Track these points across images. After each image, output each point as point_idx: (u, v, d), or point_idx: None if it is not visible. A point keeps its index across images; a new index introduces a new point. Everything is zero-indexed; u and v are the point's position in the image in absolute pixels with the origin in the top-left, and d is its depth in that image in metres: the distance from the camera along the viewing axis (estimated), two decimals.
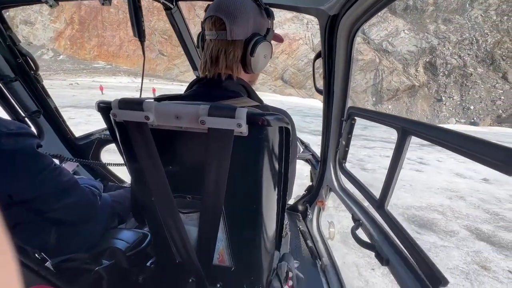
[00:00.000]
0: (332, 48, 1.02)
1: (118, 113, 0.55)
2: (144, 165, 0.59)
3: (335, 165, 1.39)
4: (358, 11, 0.81)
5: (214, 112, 0.50)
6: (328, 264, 1.47)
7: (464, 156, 0.52)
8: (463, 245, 3.81)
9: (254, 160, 0.59)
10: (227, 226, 0.67)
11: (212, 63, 0.68)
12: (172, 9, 1.31)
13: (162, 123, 0.55)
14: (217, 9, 0.64)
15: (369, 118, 0.99)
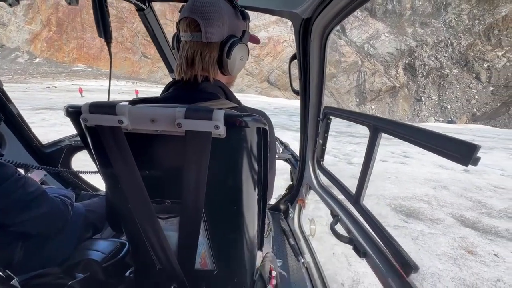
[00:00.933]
0: (306, 50, 1.05)
1: (89, 117, 0.52)
2: (119, 171, 0.57)
3: (313, 163, 1.42)
4: (330, 14, 0.84)
5: (191, 114, 0.50)
6: (310, 261, 1.50)
7: (428, 150, 0.56)
8: (449, 231, 3.83)
9: (233, 162, 0.58)
10: (208, 229, 0.66)
11: (188, 65, 0.67)
12: (145, 9, 1.28)
13: (137, 127, 0.53)
14: (192, 10, 0.63)
15: (343, 117, 1.03)
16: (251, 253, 0.75)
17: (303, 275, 1.41)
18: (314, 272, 1.46)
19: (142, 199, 0.59)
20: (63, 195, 0.98)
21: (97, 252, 0.99)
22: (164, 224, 0.65)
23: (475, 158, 0.46)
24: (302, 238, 1.73)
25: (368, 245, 0.84)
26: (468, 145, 0.47)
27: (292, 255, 1.54)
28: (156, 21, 1.40)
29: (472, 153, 0.46)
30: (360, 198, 0.88)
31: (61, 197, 0.95)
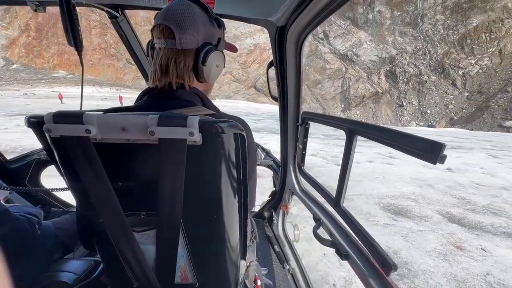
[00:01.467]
0: (282, 56, 1.06)
1: (53, 127, 0.49)
2: (89, 184, 0.54)
3: (294, 168, 1.42)
4: (303, 22, 0.85)
5: (164, 121, 0.48)
6: (296, 267, 1.49)
7: (399, 150, 0.58)
8: (437, 228, 3.85)
9: (210, 169, 0.57)
10: (188, 241, 0.63)
11: (162, 72, 0.66)
12: (118, 17, 1.25)
13: (107, 136, 0.51)
14: (166, 17, 0.63)
15: (320, 122, 1.04)
16: (234, 263, 0.72)
17: (289, 282, 1.40)
18: (300, 279, 1.44)
19: (115, 212, 0.56)
20: (29, 213, 0.91)
21: (68, 274, 0.92)
22: (140, 237, 0.62)
23: (442, 156, 0.48)
24: (287, 244, 1.71)
25: (350, 247, 0.85)
26: (434, 144, 0.49)
27: (277, 262, 1.52)
28: (130, 29, 1.36)
29: (439, 151, 0.48)
30: (340, 200, 0.89)
31: (26, 216, 0.88)
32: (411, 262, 3.01)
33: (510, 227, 3.98)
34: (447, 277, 2.81)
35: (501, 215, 4.38)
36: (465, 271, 2.92)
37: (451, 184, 5.81)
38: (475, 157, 9.03)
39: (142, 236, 0.63)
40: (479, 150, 10.91)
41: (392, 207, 4.45)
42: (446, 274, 2.85)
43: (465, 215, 4.30)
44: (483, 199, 5.08)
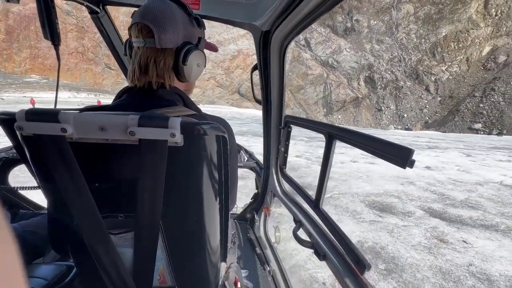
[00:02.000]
0: (266, 61, 1.08)
1: (26, 125, 0.47)
2: (63, 184, 0.52)
3: (277, 171, 1.44)
4: (288, 27, 0.86)
5: (145, 122, 0.47)
6: (276, 268, 1.50)
7: (373, 154, 0.61)
8: (420, 223, 3.92)
9: (192, 171, 0.57)
10: (167, 243, 0.62)
11: (141, 72, 0.65)
12: (99, 13, 1.22)
13: (84, 136, 0.50)
14: (144, 16, 0.62)
15: (302, 125, 1.06)
16: (214, 265, 0.71)
17: (269, 284, 1.41)
18: (280, 280, 1.45)
19: (91, 214, 0.54)
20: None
21: (38, 280, 0.87)
22: (117, 240, 0.61)
23: (411, 160, 0.50)
24: (268, 246, 1.72)
25: (328, 248, 0.86)
26: (404, 149, 0.51)
27: (258, 264, 1.53)
28: (111, 25, 1.32)
29: (408, 156, 0.50)
30: (320, 202, 0.90)
31: None
32: (398, 257, 3.02)
33: (486, 219, 4.14)
34: (433, 270, 2.84)
35: (478, 208, 4.57)
36: (449, 263, 2.97)
37: (430, 181, 6.02)
38: (450, 156, 9.47)
39: (119, 239, 0.61)
40: (453, 149, 11.49)
41: (377, 204, 4.50)
42: (432, 267, 2.88)
43: (445, 210, 4.43)
44: (461, 194, 5.28)
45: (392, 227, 3.72)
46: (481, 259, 3.06)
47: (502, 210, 4.52)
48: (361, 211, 4.19)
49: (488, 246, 3.35)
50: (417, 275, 2.72)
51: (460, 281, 2.67)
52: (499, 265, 2.96)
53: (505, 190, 5.61)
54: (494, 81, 51.89)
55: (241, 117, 23.27)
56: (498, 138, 23.51)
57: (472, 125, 48.01)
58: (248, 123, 18.05)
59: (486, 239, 3.53)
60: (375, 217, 4.01)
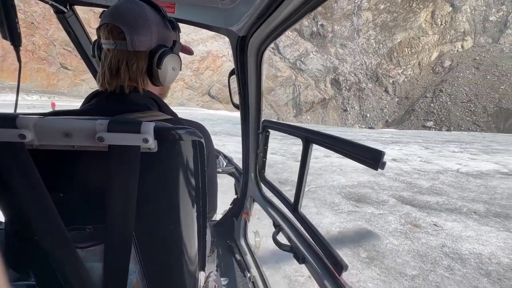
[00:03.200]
0: (244, 65, 1.07)
1: None
2: (22, 196, 0.47)
3: (256, 175, 1.42)
4: (264, 33, 0.86)
5: (115, 127, 0.44)
6: (257, 274, 1.49)
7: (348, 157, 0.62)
8: (394, 210, 4.04)
9: (167, 178, 0.54)
10: (140, 254, 0.58)
11: (112, 75, 0.61)
12: (66, 13, 1.16)
13: (47, 143, 0.46)
14: (114, 17, 0.59)
15: (279, 130, 1.06)
16: (192, 275, 0.68)
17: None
18: (261, 286, 1.43)
19: (55, 228, 0.48)
20: None
21: None
22: (85, 254, 0.56)
23: (382, 162, 0.51)
24: (248, 252, 1.69)
25: (307, 251, 0.86)
26: (375, 152, 0.52)
27: (238, 271, 1.51)
28: (79, 25, 1.25)
29: (379, 158, 0.51)
30: (298, 206, 0.89)
31: None
32: (378, 244, 3.04)
33: (451, 204, 4.42)
34: (411, 254, 2.89)
35: (442, 194, 4.88)
36: (424, 246, 3.07)
37: (398, 172, 6.34)
38: (412, 149, 10.20)
39: (86, 253, 0.56)
40: (414, 143, 12.42)
41: (352, 195, 4.57)
42: (410, 251, 2.94)
43: (414, 197, 4.66)
44: (425, 182, 5.62)
45: (369, 216, 3.77)
46: (452, 240, 3.22)
47: (462, 195, 4.88)
48: (338, 202, 4.21)
49: (456, 227, 3.54)
50: (397, 260, 2.75)
51: (437, 262, 2.75)
52: (467, 244, 3.13)
53: (462, 177, 6.11)
54: (442, 83, 57.90)
55: (213, 118, 22.83)
56: (449, 133, 26.09)
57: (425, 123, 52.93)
58: (220, 124, 17.73)
59: (453, 221, 3.74)
60: (352, 207, 4.05)
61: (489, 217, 3.91)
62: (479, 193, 4.97)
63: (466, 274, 2.58)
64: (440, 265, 2.72)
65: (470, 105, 51.77)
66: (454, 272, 2.62)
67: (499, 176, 6.27)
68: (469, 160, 8.20)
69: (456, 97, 54.13)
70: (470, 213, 4.06)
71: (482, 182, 5.70)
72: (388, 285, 2.39)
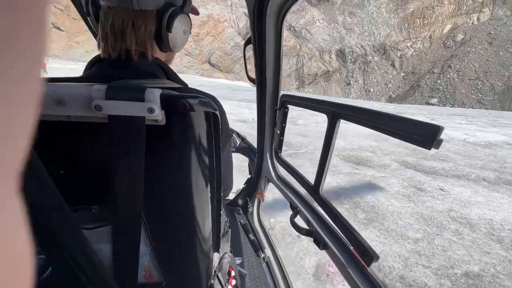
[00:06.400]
0: (261, 33, 0.98)
1: None
2: None
3: (271, 155, 1.37)
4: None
5: (114, 93, 0.39)
6: (271, 255, 1.46)
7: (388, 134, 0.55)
8: (397, 174, 3.69)
9: (177, 154, 0.48)
10: (151, 236, 0.54)
11: (116, 39, 0.52)
12: None
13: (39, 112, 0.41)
14: None
15: (301, 105, 0.98)
16: (206, 256, 0.64)
17: (264, 271, 1.36)
18: (275, 266, 1.40)
19: (57, 207, 0.45)
20: None
21: None
22: (93, 235, 0.51)
23: (438, 140, 0.43)
24: (262, 233, 1.65)
25: (328, 236, 0.81)
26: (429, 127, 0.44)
27: (252, 251, 1.47)
28: None
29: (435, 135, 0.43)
30: (319, 188, 0.84)
31: None
32: (378, 206, 2.72)
33: (458, 170, 4.08)
34: (414, 216, 2.58)
35: (448, 161, 4.52)
36: (430, 209, 2.75)
37: None
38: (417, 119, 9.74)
39: (95, 234, 0.52)
40: (418, 115, 11.93)
41: (352, 158, 4.21)
42: (413, 214, 2.62)
43: (418, 162, 4.30)
44: None
45: (369, 178, 3.44)
46: (460, 205, 2.90)
47: (469, 162, 4.53)
48: (336, 164, 3.85)
49: (464, 193, 3.22)
50: (399, 222, 2.44)
51: (443, 226, 2.44)
52: (477, 209, 2.82)
53: (469, 146, 5.73)
54: (451, 58, 55.44)
55: (211, 85, 21.93)
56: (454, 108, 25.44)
57: (429, 100, 51.68)
58: (219, 89, 17.02)
59: (461, 186, 3.41)
60: (351, 169, 3.71)
61: (499, 184, 3.59)
62: (488, 162, 4.62)
63: (475, 240, 2.28)
64: (447, 229, 2.41)
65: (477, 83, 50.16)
66: (463, 236, 2.31)
67: (508, 147, 5.89)
68: (476, 131, 7.78)
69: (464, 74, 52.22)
70: (479, 179, 3.72)
71: (491, 152, 5.33)
72: (388, 247, 2.08)
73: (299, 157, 4.07)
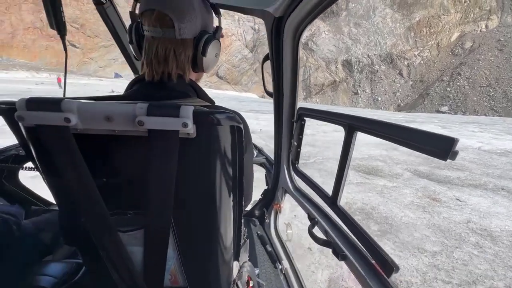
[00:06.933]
0: (279, 50, 1.02)
1: (27, 115, 0.44)
2: (68, 180, 0.48)
3: (288, 166, 1.38)
4: (302, 13, 0.82)
5: (154, 111, 0.44)
6: (288, 266, 1.45)
7: (405, 146, 0.56)
8: (410, 183, 3.58)
9: (204, 165, 0.53)
10: (178, 242, 0.59)
11: (159, 63, 0.59)
12: (105, 4, 1.18)
13: (89, 127, 0.46)
14: (161, 2, 0.56)
15: (317, 118, 1.00)
16: (227, 264, 0.68)
17: (281, 282, 1.36)
18: (292, 278, 1.40)
19: (99, 211, 0.50)
20: (7, 213, 0.86)
21: (47, 277, 0.86)
22: (127, 238, 0.56)
23: (454, 152, 0.44)
24: (279, 244, 1.64)
25: (347, 247, 0.81)
26: (445, 140, 0.46)
27: (269, 262, 1.48)
28: (117, 16, 1.27)
29: (450, 147, 0.45)
30: (337, 199, 0.85)
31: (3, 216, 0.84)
32: (392, 217, 2.62)
33: (474, 179, 3.92)
34: (431, 228, 2.47)
35: (464, 170, 4.36)
36: (447, 220, 2.63)
37: None
38: (427, 128, 9.52)
39: (128, 237, 0.56)
40: (429, 123, 11.69)
41: (362, 168, 4.12)
42: (429, 225, 2.51)
43: (432, 172, 4.17)
44: None
45: (381, 188, 3.34)
46: (479, 215, 2.77)
47: (486, 171, 4.36)
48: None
49: (483, 203, 3.08)
50: (415, 235, 2.34)
51: (462, 238, 2.33)
52: (498, 220, 2.68)
53: (484, 155, 5.54)
54: (461, 66, 54.73)
55: (219, 96, 22.30)
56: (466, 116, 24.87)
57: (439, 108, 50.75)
58: (227, 101, 17.25)
59: (479, 196, 3.27)
60: (362, 179, 3.62)
61: None
62: (505, 170, 4.44)
63: (498, 253, 2.15)
64: (467, 241, 2.29)
65: (489, 90, 49.10)
66: (484, 250, 2.19)
67: None
68: (492, 139, 7.53)
69: (475, 81, 51.30)
70: (497, 189, 3.57)
71: (508, 160, 5.13)
72: (405, 261, 1.99)
73: (308, 167, 4.01)
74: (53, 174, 0.50)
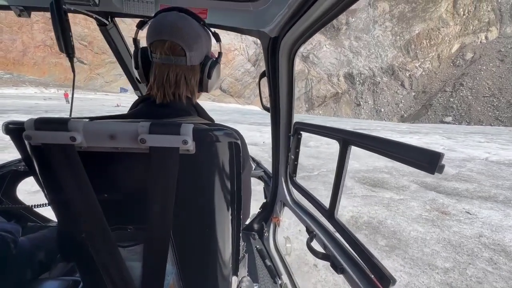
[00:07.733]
0: (275, 67, 1.06)
1: (34, 134, 0.46)
2: (71, 195, 0.49)
3: (286, 179, 1.39)
4: (296, 34, 0.85)
5: (156, 129, 0.46)
6: (288, 282, 1.46)
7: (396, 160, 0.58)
8: (417, 196, 3.50)
9: (203, 180, 0.55)
10: (177, 256, 0.60)
11: (170, 87, 0.63)
12: (108, 25, 1.20)
13: (94, 145, 0.48)
14: (172, 33, 0.60)
15: (313, 132, 1.02)
16: (226, 279, 0.69)
17: None
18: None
19: (100, 226, 0.51)
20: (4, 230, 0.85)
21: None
22: (126, 253, 0.58)
23: (440, 165, 0.47)
24: (278, 258, 1.63)
25: (345, 261, 0.82)
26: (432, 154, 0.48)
27: (268, 277, 1.46)
28: (120, 37, 1.32)
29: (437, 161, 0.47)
30: (335, 212, 0.85)
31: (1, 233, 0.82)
32: (400, 231, 2.54)
33: (484, 191, 3.82)
34: (441, 243, 2.38)
35: (472, 181, 4.27)
36: (457, 235, 2.54)
37: None
38: (432, 139, 9.44)
39: (128, 252, 0.58)
40: (434, 134, 11.59)
41: (368, 180, 4.06)
42: (439, 240, 2.43)
43: (439, 183, 4.08)
44: (451, 169, 5.01)
45: (387, 201, 3.26)
46: (491, 229, 2.67)
47: (495, 183, 4.26)
48: (351, 186, 3.71)
49: (494, 216, 2.98)
50: (425, 250, 2.25)
51: (474, 254, 2.23)
52: (511, 235, 2.58)
53: (492, 165, 5.43)
54: (463, 76, 54.91)
55: (222, 109, 22.52)
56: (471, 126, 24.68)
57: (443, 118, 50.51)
58: (229, 114, 17.40)
59: (489, 209, 3.17)
60: (367, 192, 3.55)
61: None
62: None
63: None
64: (480, 257, 2.20)
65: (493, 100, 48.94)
66: (499, 266, 2.09)
67: None
68: (499, 149, 7.42)
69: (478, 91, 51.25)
70: (508, 201, 3.46)
71: None
72: (415, 278, 1.91)
73: (312, 180, 3.96)
74: (56, 190, 0.51)
